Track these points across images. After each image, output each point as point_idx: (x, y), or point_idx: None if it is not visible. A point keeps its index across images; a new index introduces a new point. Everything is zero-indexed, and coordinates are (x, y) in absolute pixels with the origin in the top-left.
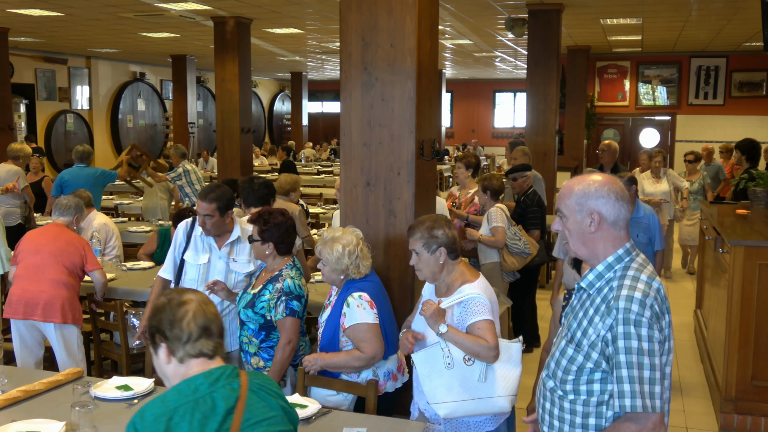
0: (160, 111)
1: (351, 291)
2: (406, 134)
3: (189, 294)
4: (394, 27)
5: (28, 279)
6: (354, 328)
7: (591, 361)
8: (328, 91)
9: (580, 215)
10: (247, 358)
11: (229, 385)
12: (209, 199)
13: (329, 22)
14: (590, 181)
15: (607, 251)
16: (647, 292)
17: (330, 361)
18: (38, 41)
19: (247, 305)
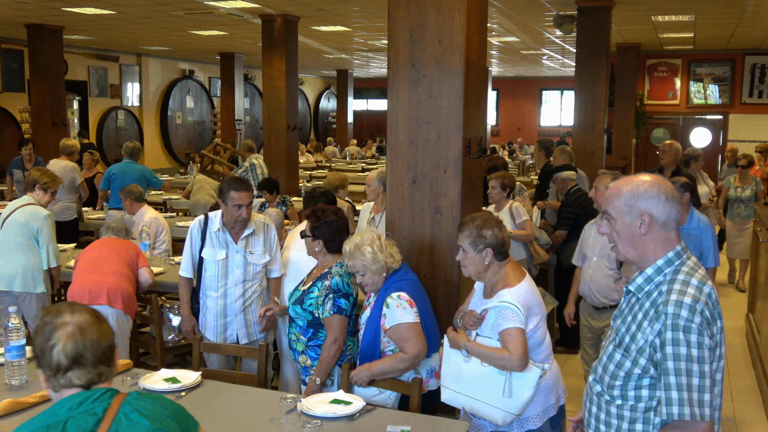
0: (208, 108)
1: (390, 291)
2: (453, 132)
3: (66, 315)
4: (443, 24)
5: (89, 271)
6: (395, 329)
7: (639, 367)
8: (374, 89)
9: (629, 217)
10: (295, 356)
11: (91, 410)
12: (247, 187)
13: (376, 20)
14: (639, 181)
15: (657, 254)
16: (697, 297)
17: (376, 370)
18: (91, 39)
19: (296, 301)
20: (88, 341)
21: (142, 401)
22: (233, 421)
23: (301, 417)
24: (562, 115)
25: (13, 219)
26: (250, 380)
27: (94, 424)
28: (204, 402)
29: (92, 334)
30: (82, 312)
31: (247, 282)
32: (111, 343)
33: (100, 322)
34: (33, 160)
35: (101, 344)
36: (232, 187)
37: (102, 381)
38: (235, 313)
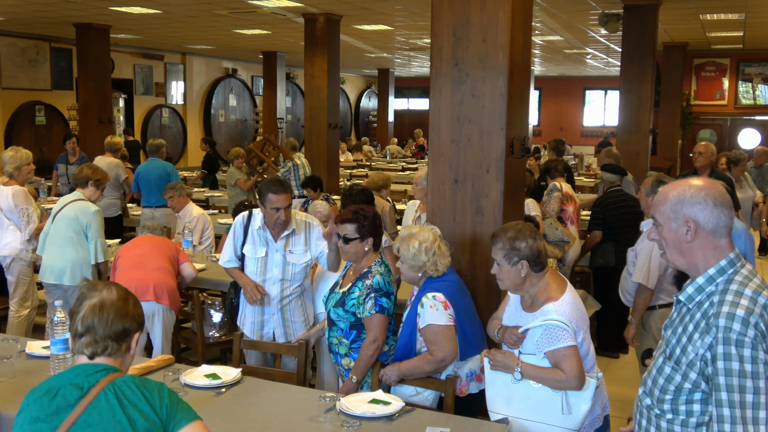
0: (250, 106)
1: (426, 291)
2: (496, 131)
3: (98, 291)
4: (487, 22)
5: (133, 268)
6: (426, 330)
7: (689, 381)
8: (415, 88)
9: (675, 223)
10: (337, 360)
11: (80, 383)
12: (285, 189)
13: (418, 19)
14: (686, 186)
15: (708, 262)
16: (751, 309)
17: (405, 370)
18: (137, 38)
19: (337, 304)
20: (104, 316)
21: (127, 386)
22: (272, 418)
23: (340, 416)
24: (605, 115)
25: (63, 214)
26: (289, 378)
27: (75, 399)
28: (243, 399)
29: (110, 312)
30: (113, 291)
31: (285, 281)
32: (127, 326)
33: (126, 304)
34: (77, 154)
35: (115, 323)
36: (270, 189)
37: (106, 355)
38: (272, 311)
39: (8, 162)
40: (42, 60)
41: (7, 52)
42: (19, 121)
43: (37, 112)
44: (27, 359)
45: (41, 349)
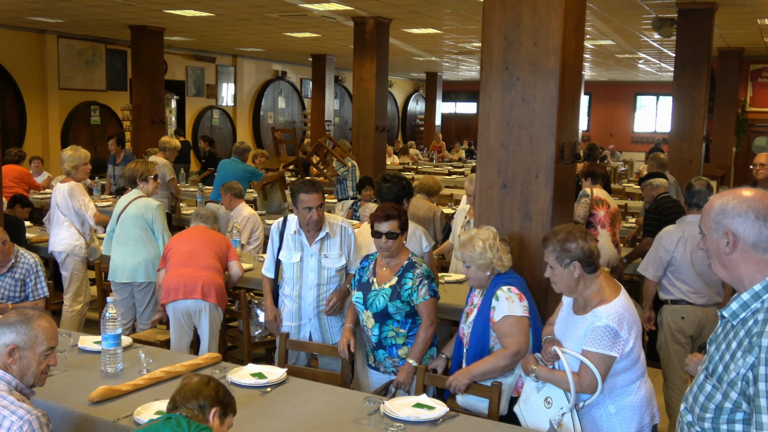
0: (299, 109)
1: (499, 285)
2: (546, 136)
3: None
4: (539, 25)
5: (183, 264)
6: (501, 322)
7: (730, 401)
8: (462, 92)
9: (716, 234)
10: (392, 352)
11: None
12: (316, 189)
13: (467, 22)
14: (731, 196)
15: (753, 277)
16: None
17: (477, 372)
18: (190, 41)
19: (392, 298)
20: (183, 394)
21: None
22: (317, 419)
23: (383, 419)
24: (657, 121)
25: (128, 213)
26: (333, 379)
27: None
28: (289, 399)
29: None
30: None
31: (321, 286)
32: (203, 401)
33: (206, 384)
34: (120, 154)
35: (195, 397)
36: (301, 189)
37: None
38: (309, 317)
39: (67, 160)
40: (98, 61)
41: (65, 53)
42: (75, 120)
43: (92, 112)
44: (79, 353)
45: (93, 344)
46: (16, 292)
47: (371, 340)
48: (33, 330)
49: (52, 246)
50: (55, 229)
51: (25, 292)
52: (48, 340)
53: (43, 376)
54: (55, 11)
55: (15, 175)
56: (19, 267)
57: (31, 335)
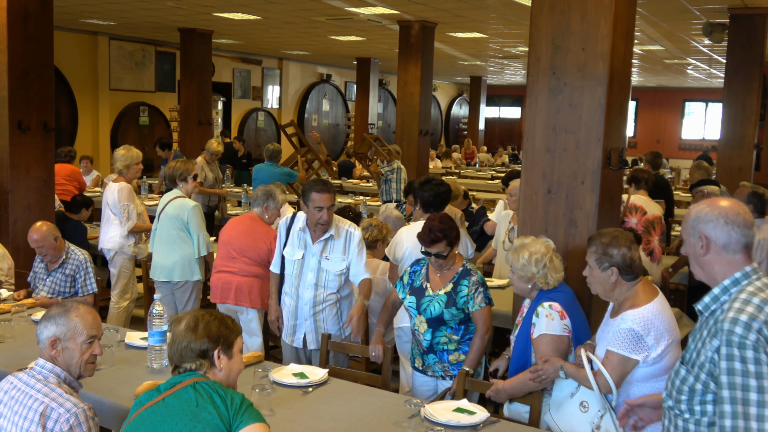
0: (342, 111)
1: (542, 300)
2: (593, 142)
3: (174, 325)
4: (587, 30)
5: (221, 268)
6: (538, 340)
7: (700, 383)
8: (507, 96)
9: (693, 239)
10: (443, 357)
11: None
12: (329, 189)
13: (513, 26)
14: (705, 205)
15: (725, 274)
16: (755, 315)
17: (509, 389)
18: (237, 43)
19: (448, 305)
20: (176, 350)
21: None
22: (357, 420)
23: (424, 422)
24: (706, 128)
25: (166, 212)
26: (374, 381)
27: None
28: (330, 399)
29: (179, 345)
30: (182, 323)
31: (319, 287)
32: (198, 351)
33: (193, 332)
34: (170, 155)
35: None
36: (314, 188)
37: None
38: (304, 316)
39: (119, 159)
40: (147, 63)
41: (116, 55)
42: (125, 120)
43: (141, 112)
44: (126, 349)
45: (139, 340)
46: (66, 288)
47: (422, 344)
48: (71, 321)
49: (101, 243)
50: (105, 227)
51: (75, 288)
52: (87, 329)
53: (89, 366)
54: (108, 13)
55: (66, 173)
56: (70, 263)
57: (70, 326)
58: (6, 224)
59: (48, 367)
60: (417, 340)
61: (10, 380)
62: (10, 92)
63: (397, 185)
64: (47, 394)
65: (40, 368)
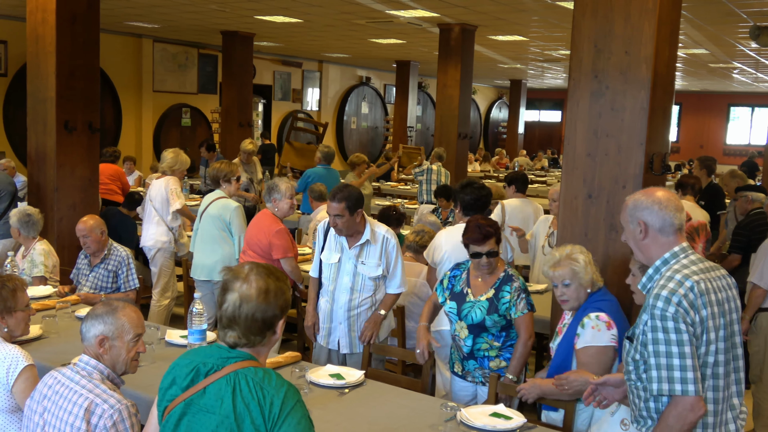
0: (381, 114)
1: (588, 311)
2: (635, 146)
3: (242, 283)
4: (631, 33)
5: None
6: (583, 351)
7: (638, 353)
8: (547, 100)
9: (632, 225)
10: (483, 364)
11: (209, 363)
12: (338, 199)
13: (554, 29)
14: (641, 194)
15: (659, 255)
16: (674, 290)
17: (546, 389)
18: (278, 46)
19: (490, 311)
20: (245, 314)
21: (246, 382)
22: (393, 422)
23: (460, 426)
24: (752, 133)
25: (208, 212)
26: (413, 385)
27: (200, 378)
28: (366, 401)
29: (250, 309)
30: (253, 284)
31: (354, 291)
32: (269, 318)
33: (266, 297)
34: (213, 157)
35: (256, 320)
36: (329, 195)
37: (248, 347)
38: (339, 320)
39: (166, 161)
40: (190, 65)
41: (159, 57)
42: (167, 121)
43: (183, 114)
44: (166, 346)
45: (179, 338)
46: (108, 283)
47: (462, 349)
48: (119, 320)
49: (143, 242)
50: (146, 225)
51: (117, 284)
52: (134, 328)
53: (133, 363)
54: (152, 17)
55: (110, 172)
56: (112, 259)
57: (118, 325)
58: (52, 222)
59: (92, 364)
60: (457, 345)
61: (54, 375)
62: (58, 93)
63: (428, 186)
64: (91, 390)
65: (85, 364)
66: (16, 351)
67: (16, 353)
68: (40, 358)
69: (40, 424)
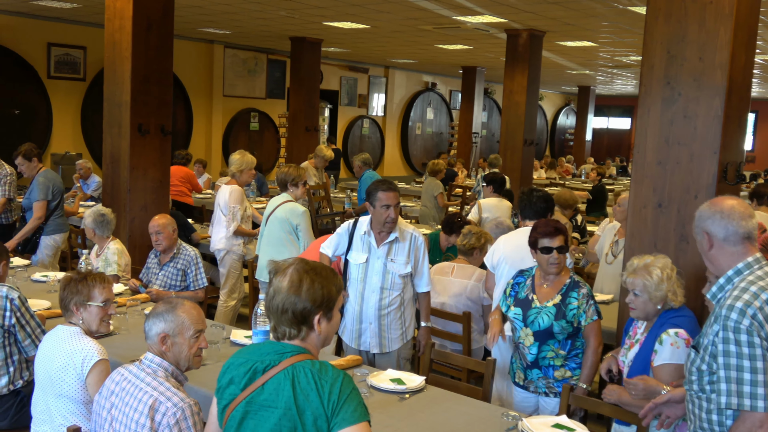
0: (446, 120)
1: (666, 327)
2: (708, 155)
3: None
4: (705, 39)
5: None
6: (660, 368)
7: (705, 364)
8: (616, 107)
9: (699, 236)
10: (548, 373)
11: (265, 360)
12: (393, 188)
13: (625, 35)
14: (705, 204)
15: (729, 265)
16: (750, 302)
17: (625, 399)
18: (345, 51)
19: (557, 317)
20: (276, 306)
21: (304, 373)
22: (452, 429)
23: None
24: None
25: (275, 215)
26: (474, 393)
27: (258, 375)
28: (426, 406)
29: (281, 301)
30: (287, 278)
31: (384, 290)
32: (300, 311)
33: (298, 289)
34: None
35: (286, 312)
36: (379, 188)
37: (288, 339)
38: (369, 320)
39: (234, 163)
40: (259, 71)
41: (230, 62)
42: (236, 126)
43: (251, 118)
44: (231, 346)
45: (244, 338)
46: (177, 281)
47: (527, 358)
48: (179, 317)
49: (212, 244)
50: (216, 228)
51: (186, 282)
52: (194, 324)
53: (196, 359)
54: (224, 23)
55: (182, 175)
56: (181, 258)
57: (178, 322)
58: (124, 222)
59: (156, 361)
60: (521, 353)
61: (121, 372)
62: (132, 97)
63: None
64: (156, 388)
65: (149, 362)
66: (92, 344)
67: (91, 346)
68: (110, 354)
69: (108, 420)
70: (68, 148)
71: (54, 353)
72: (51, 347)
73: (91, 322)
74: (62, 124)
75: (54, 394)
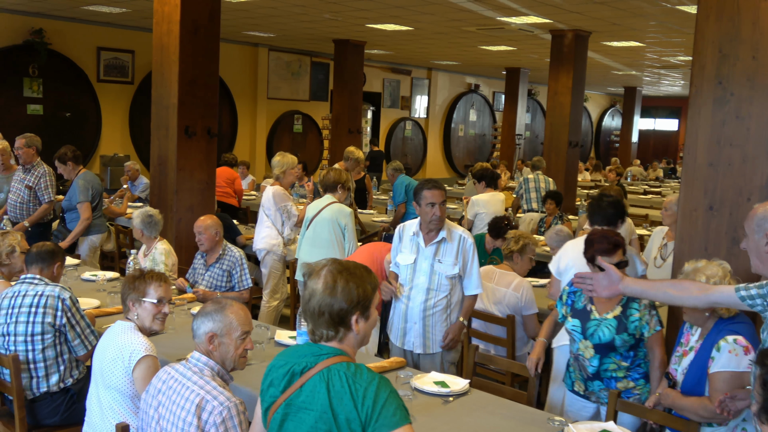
0: (489, 122)
1: (723, 333)
2: (761, 156)
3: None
4: (759, 38)
5: None
6: (716, 376)
7: None
8: (663, 108)
9: (757, 235)
10: (610, 385)
11: (303, 363)
12: (438, 186)
13: (673, 35)
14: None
15: None
16: None
17: (679, 404)
18: (388, 54)
19: (619, 330)
20: (312, 308)
21: (339, 377)
22: None
23: None
24: None
25: (322, 216)
26: (519, 397)
27: (296, 378)
28: (470, 410)
29: (316, 304)
30: (321, 280)
31: (431, 291)
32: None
33: (332, 292)
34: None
35: (322, 315)
36: (424, 186)
37: (325, 340)
38: (414, 320)
39: (276, 165)
40: (303, 73)
41: (274, 65)
42: (280, 128)
43: (295, 120)
44: (275, 346)
45: (288, 338)
46: (222, 282)
47: (587, 369)
48: (227, 317)
49: (255, 244)
50: (258, 228)
51: (231, 283)
52: (242, 326)
53: (242, 360)
54: (268, 26)
55: (227, 176)
56: (226, 259)
57: (226, 322)
58: (171, 223)
59: (203, 360)
60: (581, 365)
61: (168, 370)
62: (180, 100)
63: (527, 195)
64: (203, 387)
65: (196, 361)
66: (141, 339)
67: (140, 341)
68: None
69: (155, 418)
70: (117, 150)
71: (107, 346)
72: (106, 340)
73: (145, 318)
74: (111, 126)
75: (104, 385)
